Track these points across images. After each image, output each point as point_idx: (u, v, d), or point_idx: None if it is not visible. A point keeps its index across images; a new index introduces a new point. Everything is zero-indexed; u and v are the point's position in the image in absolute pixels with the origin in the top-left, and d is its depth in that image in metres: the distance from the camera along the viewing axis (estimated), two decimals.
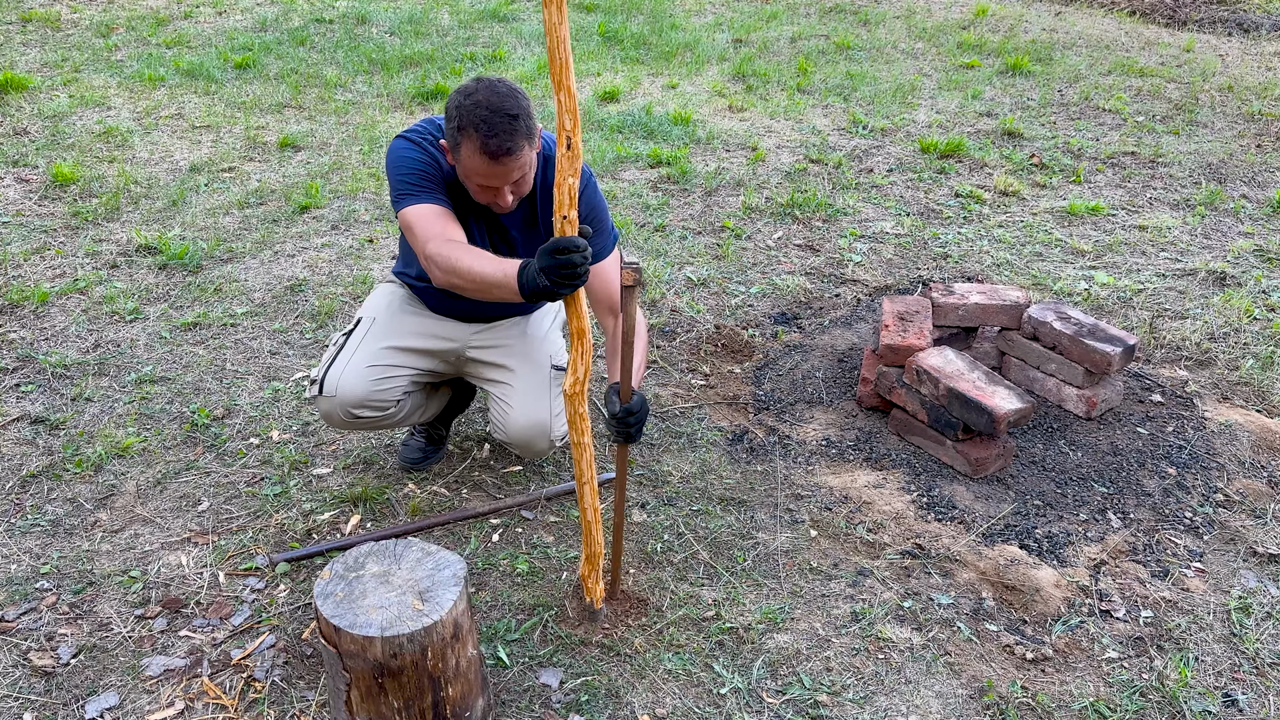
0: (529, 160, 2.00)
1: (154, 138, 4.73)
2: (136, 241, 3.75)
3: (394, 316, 2.37)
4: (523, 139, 1.95)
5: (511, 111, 1.93)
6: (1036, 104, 5.59)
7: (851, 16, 7.51)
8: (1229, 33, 7.22)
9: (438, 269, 1.99)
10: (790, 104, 5.57)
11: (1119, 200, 4.37)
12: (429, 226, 2.05)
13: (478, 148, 1.93)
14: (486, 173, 1.97)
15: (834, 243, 3.97)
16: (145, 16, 6.69)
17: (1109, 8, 7.89)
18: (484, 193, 2.05)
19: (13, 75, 5.28)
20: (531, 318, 2.50)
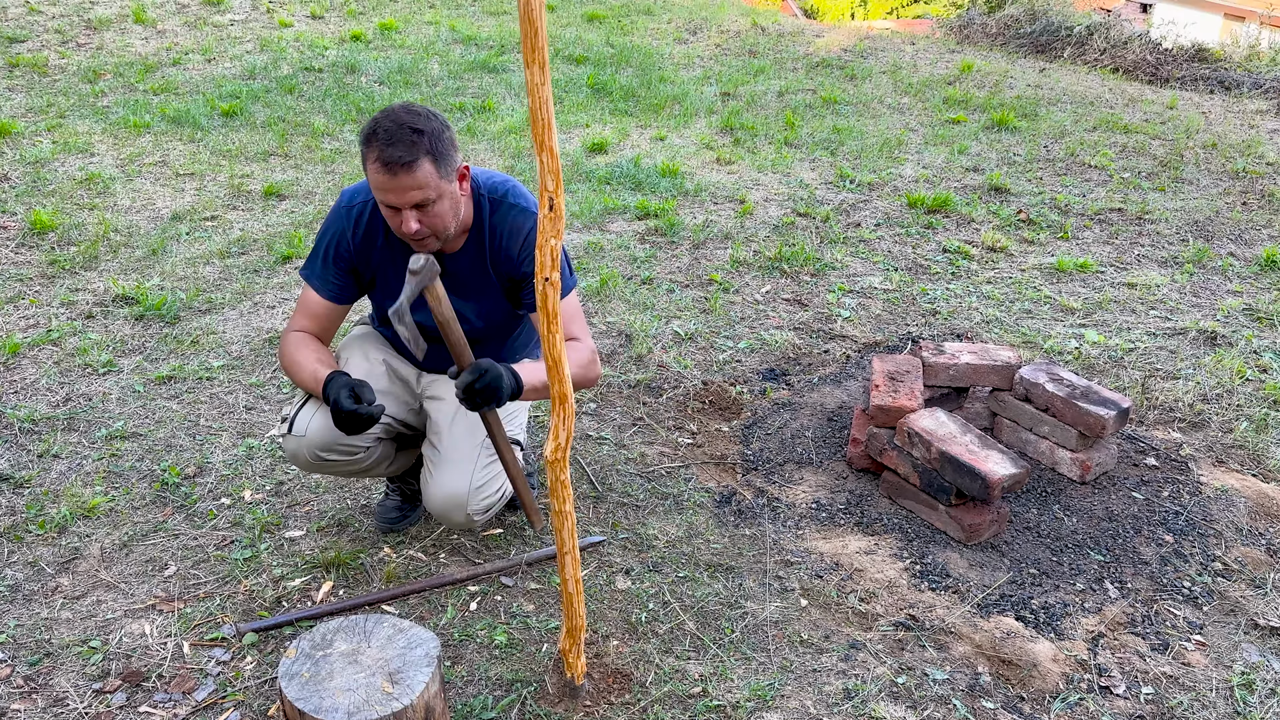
0: (433, 182, 1.93)
1: (136, 185, 4.68)
2: (114, 291, 3.68)
3: (364, 358, 2.35)
4: (424, 155, 1.92)
5: (416, 126, 1.92)
6: (1023, 159, 5.61)
7: (838, 72, 7.57)
8: (1211, 91, 7.30)
9: (279, 352, 2.22)
10: (778, 157, 5.57)
11: (1107, 257, 4.36)
12: (297, 310, 2.23)
13: (376, 157, 1.91)
14: (385, 186, 1.93)
15: (822, 297, 3.93)
16: (133, 63, 6.67)
17: (1092, 65, 7.98)
18: (392, 217, 2.00)
19: None
20: None
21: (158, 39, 7.33)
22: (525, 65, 1.65)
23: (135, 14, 7.77)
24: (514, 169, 5.20)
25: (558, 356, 1.88)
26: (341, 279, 2.19)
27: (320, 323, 2.22)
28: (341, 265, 2.18)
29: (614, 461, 2.86)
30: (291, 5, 8.45)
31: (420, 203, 1.95)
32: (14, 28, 7.27)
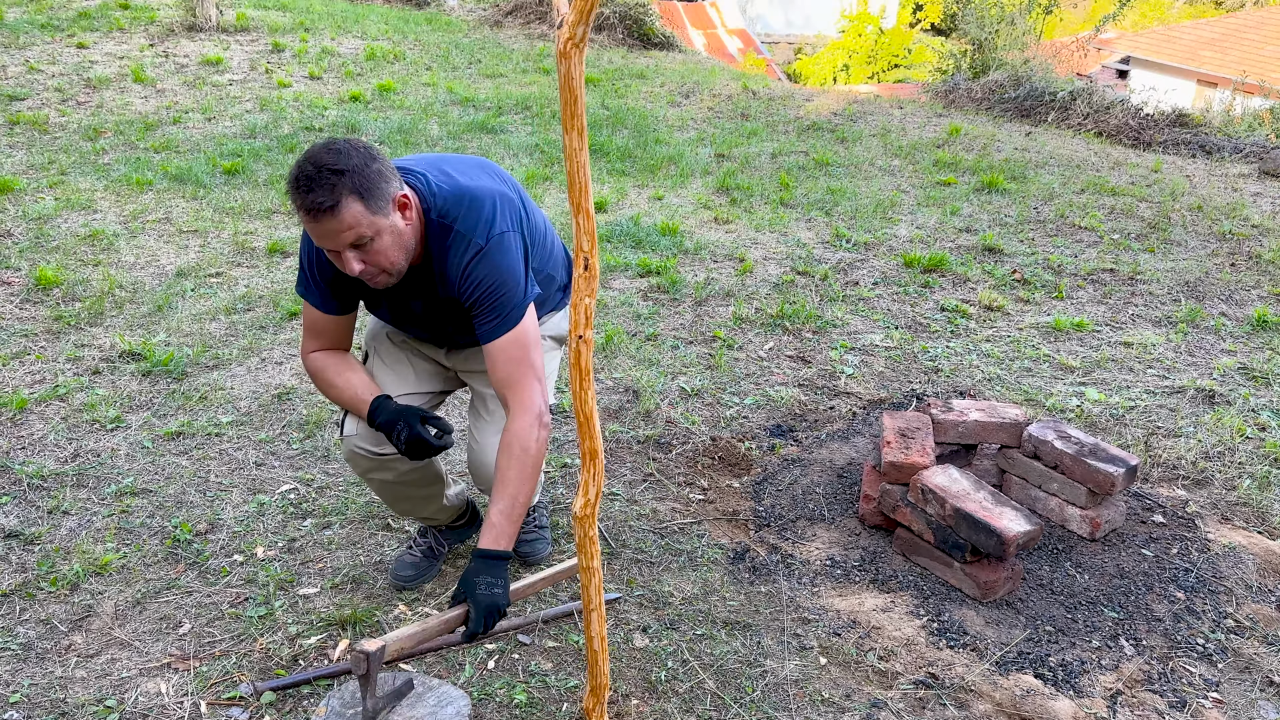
0: (364, 220, 1.85)
1: (140, 241, 4.70)
2: (120, 347, 3.68)
3: (390, 345, 2.37)
4: (347, 194, 1.82)
5: (335, 167, 1.82)
6: (1014, 221, 5.72)
7: (829, 134, 7.72)
8: (1193, 155, 7.49)
9: (311, 378, 2.25)
10: (774, 217, 5.65)
11: (1102, 316, 4.44)
12: (304, 330, 2.22)
13: (299, 205, 1.84)
14: (314, 233, 1.86)
15: (825, 354, 3.97)
16: (134, 121, 6.74)
17: (1076, 129, 8.17)
18: (336, 261, 1.92)
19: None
20: None
21: (157, 98, 7.41)
22: (564, 131, 1.69)
23: (134, 73, 7.86)
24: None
25: (589, 413, 1.90)
26: (332, 292, 2.13)
27: (330, 337, 2.20)
28: (326, 277, 2.11)
29: (626, 517, 2.87)
30: (290, 66, 8.57)
31: (355, 243, 1.87)
32: (14, 85, 7.34)
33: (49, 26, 9.22)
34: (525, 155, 6.59)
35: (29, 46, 8.50)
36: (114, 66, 8.11)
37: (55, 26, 9.24)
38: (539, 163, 6.45)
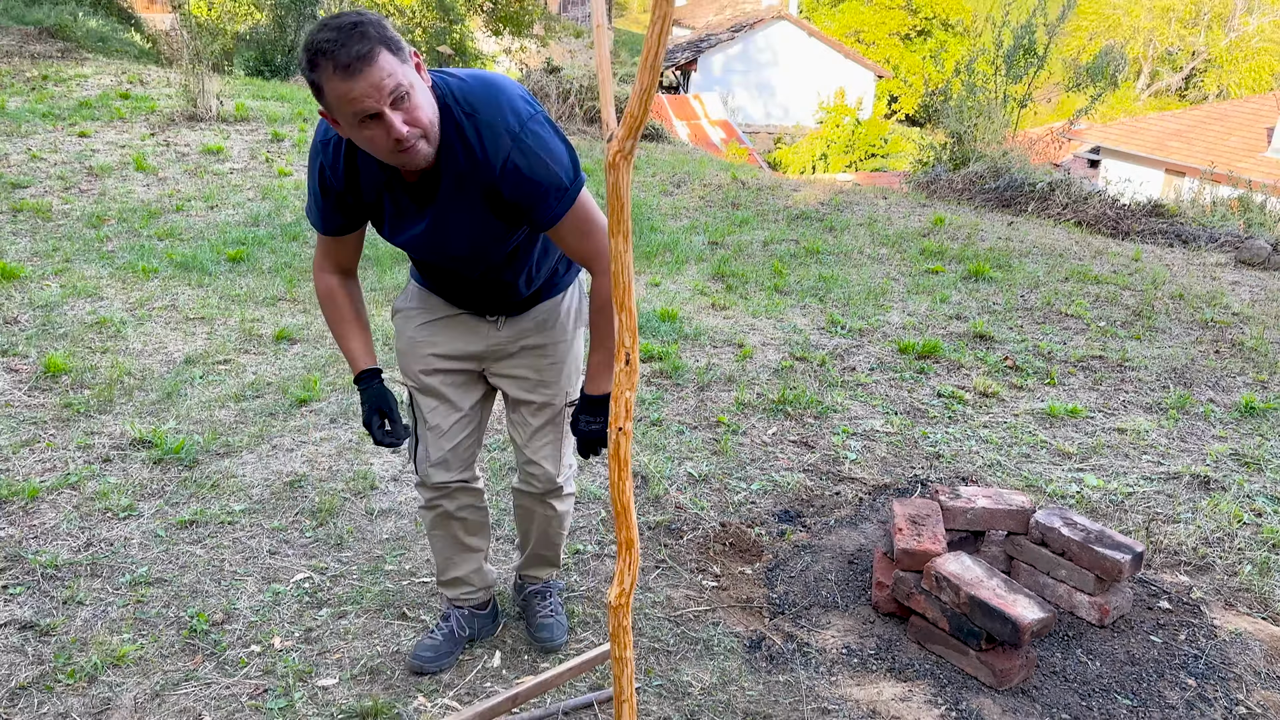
0: (397, 70, 1.80)
1: (147, 329, 4.75)
2: (130, 435, 3.71)
3: (420, 361, 2.39)
4: (376, 44, 1.77)
5: (354, 21, 1.79)
6: (1002, 308, 5.86)
7: (818, 223, 7.92)
8: (1170, 244, 7.72)
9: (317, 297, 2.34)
10: (770, 303, 5.77)
11: (1094, 403, 4.54)
12: (317, 246, 2.29)
13: (332, 70, 1.76)
14: (352, 94, 1.77)
15: (827, 439, 4.04)
16: (136, 209, 6.84)
17: (1057, 219, 8.41)
18: (376, 135, 1.83)
19: (4, 265, 5.33)
20: (559, 319, 2.41)
21: (159, 186, 7.53)
22: (610, 235, 1.78)
23: (136, 161, 8.00)
24: None
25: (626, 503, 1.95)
26: (336, 213, 2.14)
27: (336, 257, 2.27)
28: (330, 200, 2.11)
29: (641, 605, 2.89)
30: (289, 155, 8.74)
31: (396, 96, 1.80)
32: (17, 173, 7.45)
33: (50, 115, 9.39)
34: None
35: (31, 135, 8.64)
36: (116, 155, 8.25)
37: (57, 115, 9.41)
38: None
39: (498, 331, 2.36)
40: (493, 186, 2.00)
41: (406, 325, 2.41)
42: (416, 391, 2.42)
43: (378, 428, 2.29)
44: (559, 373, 2.43)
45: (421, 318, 2.39)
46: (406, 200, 2.07)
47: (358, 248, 2.28)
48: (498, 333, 2.36)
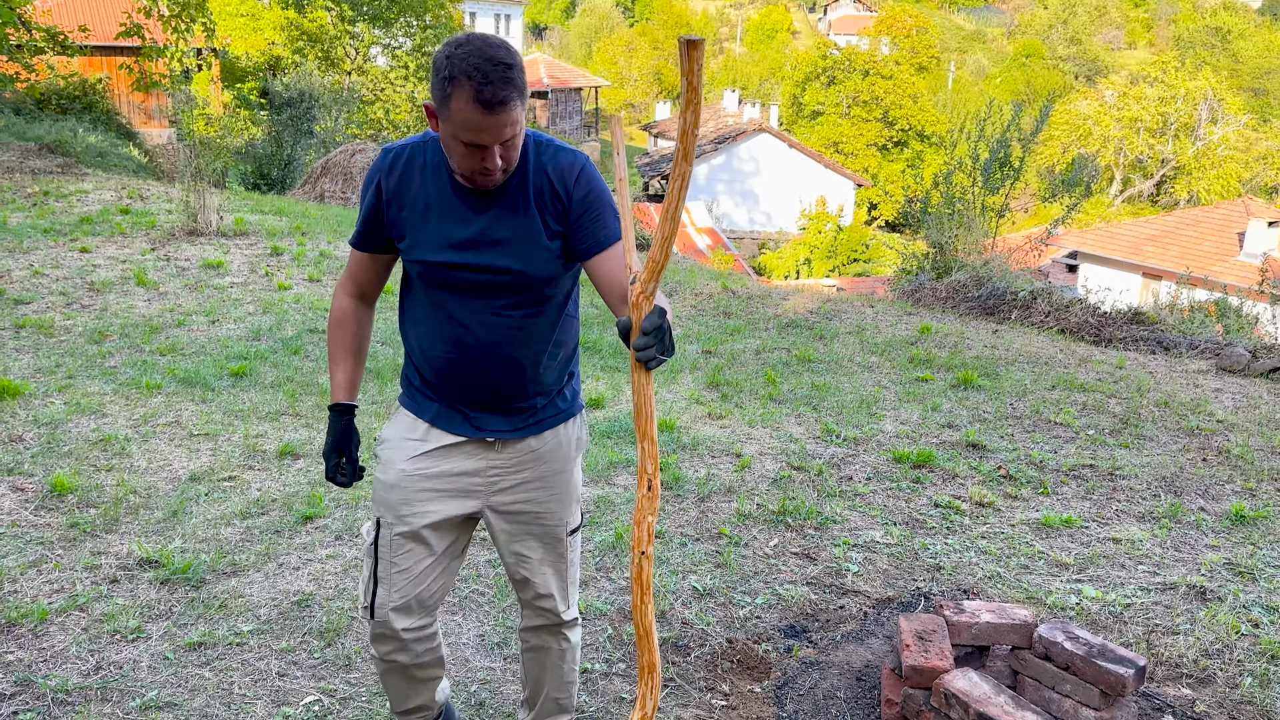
0: (520, 119, 1.96)
1: (152, 445, 4.80)
2: (137, 554, 3.72)
3: (406, 500, 2.25)
4: (515, 91, 1.93)
5: (506, 60, 1.91)
6: (992, 416, 5.98)
7: (808, 332, 8.09)
8: (1152, 351, 7.91)
9: None
10: (765, 412, 5.87)
11: (1088, 512, 4.61)
12: (343, 273, 2.36)
13: (470, 97, 1.89)
14: (478, 125, 1.92)
15: (829, 551, 4.09)
16: (138, 324, 6.94)
17: (1039, 326, 8.62)
18: (470, 156, 1.98)
19: (7, 382, 5.39)
20: (561, 448, 2.36)
21: (160, 300, 7.66)
22: (632, 369, 1.88)
23: (137, 276, 8.15)
24: None
25: (648, 627, 2.01)
26: (375, 228, 2.21)
27: (361, 278, 2.32)
28: (374, 214, 2.19)
29: None
30: (289, 269, 8.92)
31: (508, 138, 1.97)
32: (19, 289, 7.58)
33: (52, 231, 9.59)
34: None
35: (33, 251, 8.81)
36: (116, 270, 8.41)
37: (58, 231, 9.61)
38: None
39: (497, 455, 2.27)
40: (560, 193, 2.13)
41: (397, 456, 2.27)
42: (397, 535, 2.26)
43: (333, 465, 2.34)
44: (560, 503, 2.37)
45: (415, 449, 2.26)
46: (464, 204, 2.13)
47: (383, 275, 2.33)
48: (497, 457, 2.27)
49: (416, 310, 2.26)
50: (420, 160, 2.15)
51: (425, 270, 2.17)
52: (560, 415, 2.36)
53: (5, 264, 8.27)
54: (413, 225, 2.16)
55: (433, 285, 2.18)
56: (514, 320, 2.19)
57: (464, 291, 2.17)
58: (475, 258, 2.14)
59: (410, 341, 2.31)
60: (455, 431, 2.27)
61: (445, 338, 2.21)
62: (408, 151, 2.16)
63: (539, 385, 2.29)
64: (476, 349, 2.20)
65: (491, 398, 2.25)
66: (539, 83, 40.61)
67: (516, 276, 2.15)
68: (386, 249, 2.25)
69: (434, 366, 2.25)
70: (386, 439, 2.33)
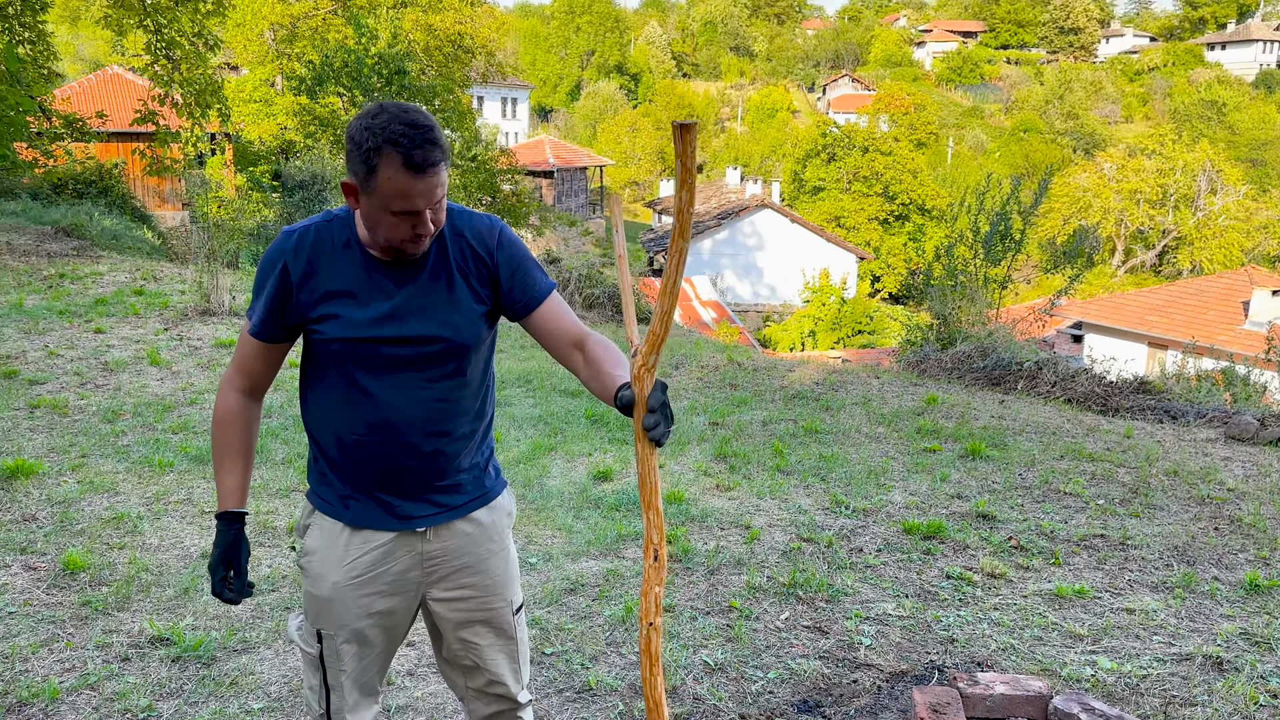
0: (445, 179, 1.98)
1: (164, 524, 4.82)
2: (149, 632, 3.72)
3: (346, 610, 2.19)
4: (440, 151, 1.94)
5: (425, 123, 1.92)
6: (1001, 487, 5.97)
7: (814, 403, 8.12)
8: (1160, 420, 7.92)
9: (212, 418, 2.25)
10: (773, 484, 5.88)
11: (1100, 583, 4.59)
12: (229, 368, 2.24)
13: (400, 164, 1.90)
14: (409, 191, 1.92)
15: (841, 624, 4.06)
16: (151, 403, 7.01)
17: (1046, 396, 8.65)
18: (400, 225, 1.97)
19: (21, 462, 5.43)
20: (493, 526, 2.30)
21: (173, 379, 7.74)
22: (636, 439, 1.92)
23: (150, 356, 8.24)
24: (524, 497, 5.44)
25: (658, 699, 2.01)
26: (278, 316, 2.13)
27: (253, 371, 2.21)
28: (276, 300, 2.11)
29: None
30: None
31: (438, 200, 1.98)
32: (34, 370, 7.67)
33: (67, 313, 9.73)
34: (530, 426, 6.89)
35: (48, 332, 8.93)
36: (130, 350, 8.51)
37: (73, 313, 9.75)
38: (543, 433, 6.74)
39: (429, 545, 2.21)
40: (484, 255, 2.16)
41: (328, 571, 2.19)
42: (343, 644, 2.21)
43: (220, 579, 2.20)
44: (503, 583, 2.30)
45: (343, 557, 2.18)
46: (384, 278, 2.10)
47: (276, 367, 2.24)
48: (429, 546, 2.21)
49: (327, 396, 2.16)
50: (328, 240, 2.11)
51: (346, 348, 2.09)
52: (489, 493, 2.31)
53: (21, 345, 8.38)
54: (329, 305, 2.09)
55: (353, 364, 2.10)
56: (440, 392, 2.14)
57: (388, 367, 2.10)
58: (400, 329, 2.09)
59: (321, 432, 2.20)
60: (380, 527, 2.17)
61: (365, 419, 2.12)
62: (312, 232, 2.11)
63: (465, 462, 2.23)
64: (400, 427, 2.12)
65: (417, 480, 2.17)
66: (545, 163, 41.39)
67: (445, 344, 2.12)
68: (288, 337, 2.18)
69: (352, 454, 2.15)
70: (310, 550, 2.23)
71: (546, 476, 5.84)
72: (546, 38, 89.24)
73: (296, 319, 2.12)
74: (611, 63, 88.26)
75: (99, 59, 41.24)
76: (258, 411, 2.27)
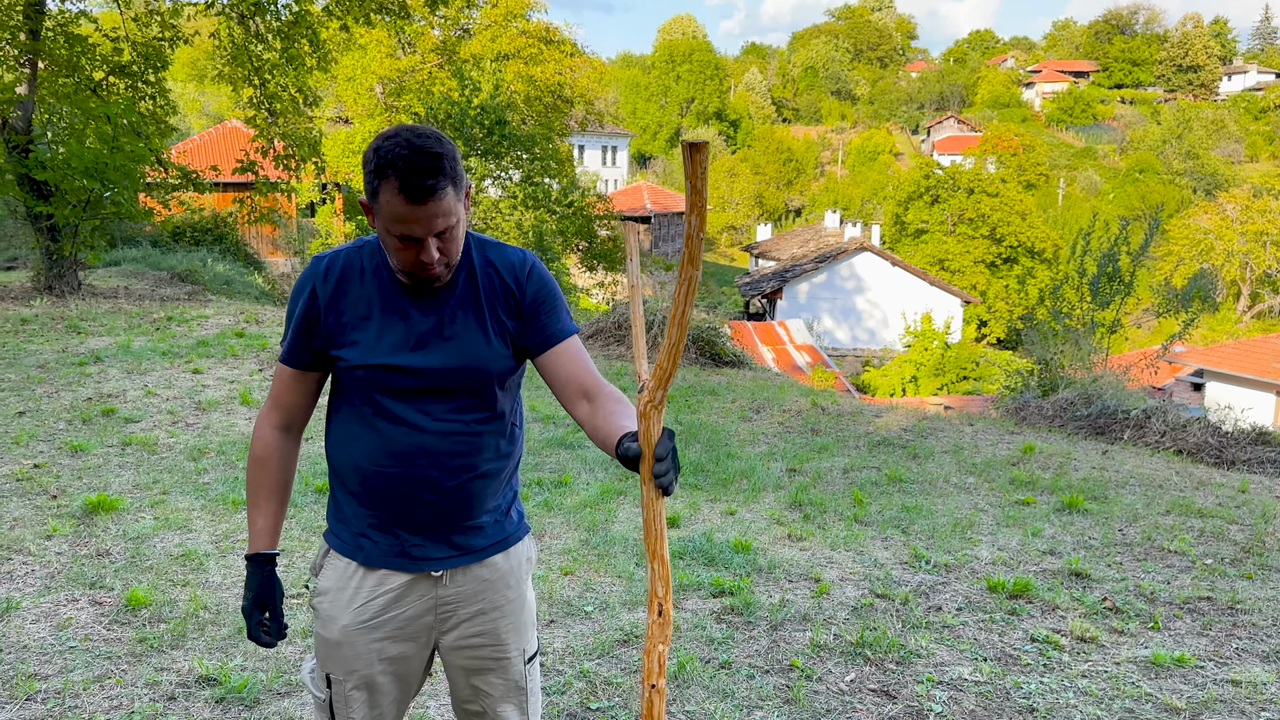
0: (454, 209, 1.90)
1: (229, 562, 4.85)
2: (198, 671, 3.71)
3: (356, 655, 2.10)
4: (446, 180, 1.87)
5: (433, 150, 1.87)
6: (1099, 543, 5.58)
7: (900, 450, 7.81)
8: (1278, 473, 7.34)
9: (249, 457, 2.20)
10: (849, 534, 5.62)
11: (1204, 650, 4.20)
12: (266, 403, 2.20)
13: (396, 189, 1.85)
14: (406, 217, 1.87)
15: (910, 689, 3.79)
16: (236, 441, 7.16)
17: (1154, 447, 8.14)
18: (406, 251, 1.93)
19: (105, 497, 5.57)
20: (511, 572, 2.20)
21: None
22: (642, 481, 1.78)
23: (242, 396, 8.46)
24: (588, 542, 5.31)
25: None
26: (308, 342, 2.08)
27: (289, 403, 2.16)
28: (306, 325, 2.07)
29: None
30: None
31: (442, 230, 1.91)
32: (131, 409, 7.93)
33: (170, 354, 10.10)
34: (600, 469, 6.78)
35: (149, 372, 9.27)
36: (224, 390, 8.75)
37: (175, 354, 10.11)
38: (613, 476, 6.62)
39: (444, 590, 2.12)
40: (512, 287, 2.10)
41: (338, 613, 2.11)
42: (352, 690, 2.13)
43: (256, 623, 2.15)
44: (517, 633, 2.21)
45: (354, 600, 2.10)
46: (410, 304, 2.05)
47: (313, 399, 2.17)
48: (445, 591, 2.12)
49: (351, 425, 2.10)
50: (357, 265, 2.07)
51: (370, 375, 2.03)
52: (510, 538, 2.21)
53: (122, 384, 8.71)
54: (355, 331, 2.05)
55: (376, 392, 2.05)
56: (465, 425, 2.08)
57: (411, 396, 2.04)
58: (425, 359, 2.03)
59: (342, 463, 2.13)
60: (395, 568, 2.09)
61: (387, 449, 2.05)
62: (343, 257, 2.08)
63: (488, 503, 2.15)
64: (422, 459, 2.05)
65: (436, 517, 2.09)
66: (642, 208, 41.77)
67: (471, 374, 2.06)
68: (319, 365, 2.11)
69: (372, 486, 2.08)
70: (322, 590, 2.15)
71: (612, 522, 5.70)
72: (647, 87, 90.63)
73: (323, 344, 2.07)
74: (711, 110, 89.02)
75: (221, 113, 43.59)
76: (294, 449, 2.21)
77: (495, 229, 24.67)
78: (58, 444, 6.80)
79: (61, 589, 4.47)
